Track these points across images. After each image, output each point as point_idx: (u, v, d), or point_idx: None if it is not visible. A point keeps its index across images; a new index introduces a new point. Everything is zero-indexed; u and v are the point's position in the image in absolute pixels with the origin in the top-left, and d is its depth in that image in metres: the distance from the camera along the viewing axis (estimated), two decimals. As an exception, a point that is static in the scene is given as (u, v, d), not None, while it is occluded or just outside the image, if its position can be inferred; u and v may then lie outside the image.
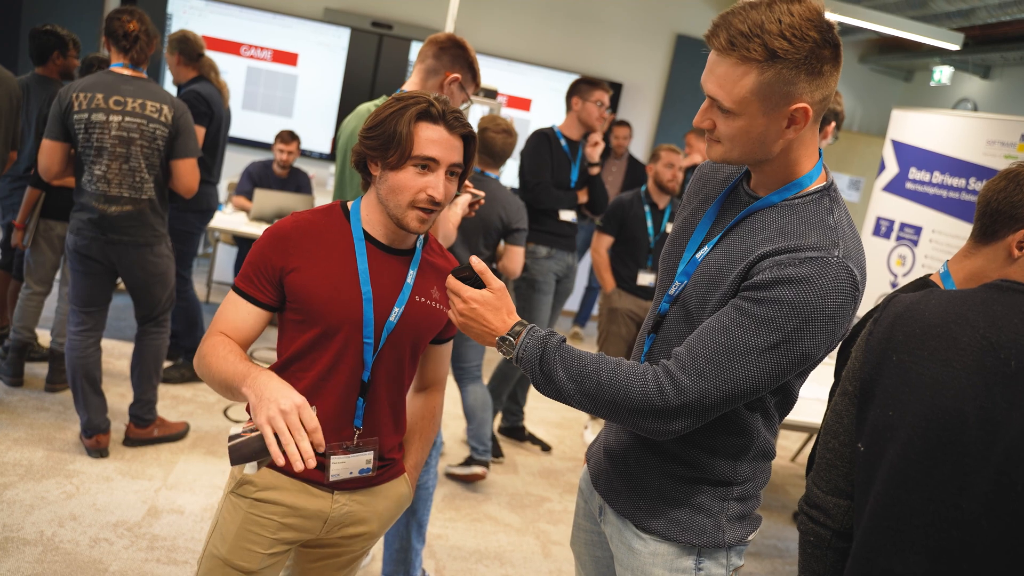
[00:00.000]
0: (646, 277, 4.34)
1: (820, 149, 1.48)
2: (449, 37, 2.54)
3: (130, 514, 3.10)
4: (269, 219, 5.37)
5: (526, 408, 4.65)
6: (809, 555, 1.26)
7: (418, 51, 2.56)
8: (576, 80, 4.27)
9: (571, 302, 7.34)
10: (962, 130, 4.98)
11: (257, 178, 5.74)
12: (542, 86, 7.12)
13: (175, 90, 4.48)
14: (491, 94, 4.81)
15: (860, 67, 7.76)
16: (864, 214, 5.91)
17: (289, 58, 6.73)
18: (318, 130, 6.87)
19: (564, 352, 1.45)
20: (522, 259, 3.73)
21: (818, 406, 3.17)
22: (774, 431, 1.57)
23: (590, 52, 7.10)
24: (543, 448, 4.47)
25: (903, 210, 5.27)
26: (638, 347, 1.64)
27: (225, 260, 6.62)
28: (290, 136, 5.72)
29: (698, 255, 1.51)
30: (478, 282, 1.51)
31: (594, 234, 4.47)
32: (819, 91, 1.34)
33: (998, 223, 1.66)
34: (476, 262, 1.51)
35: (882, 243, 5.34)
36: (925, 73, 7.53)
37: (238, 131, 6.64)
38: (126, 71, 3.30)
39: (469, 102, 2.63)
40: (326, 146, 6.92)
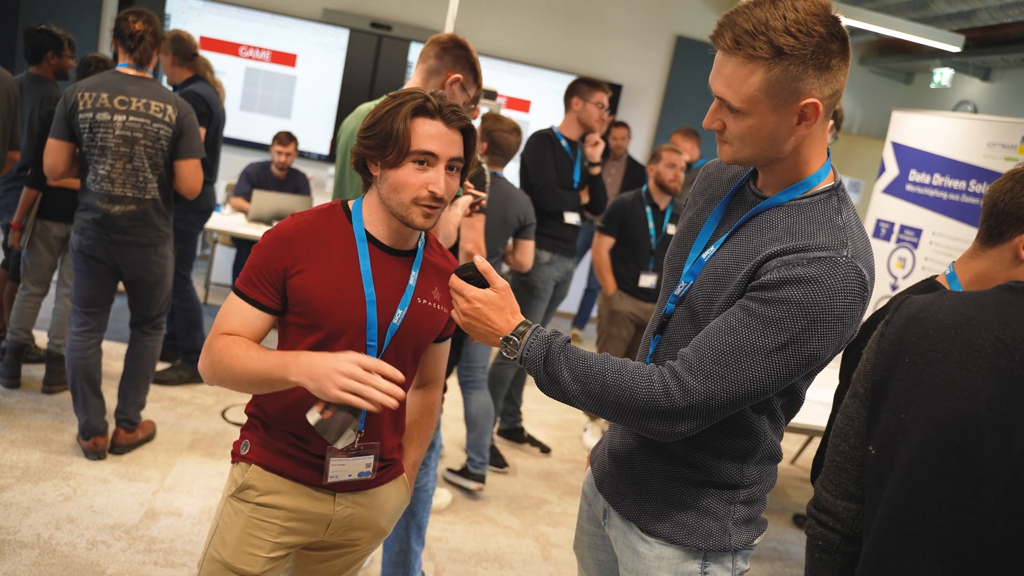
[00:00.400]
0: (648, 278, 4.32)
1: (828, 149, 1.47)
2: (451, 37, 2.52)
3: (127, 516, 3.08)
4: (267, 220, 5.35)
5: (524, 410, 4.63)
6: (817, 560, 1.24)
7: (419, 52, 2.55)
8: (576, 80, 4.24)
9: (570, 304, 7.33)
10: (962, 132, 4.97)
11: (255, 179, 5.72)
12: (541, 88, 7.11)
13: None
14: (491, 95, 4.80)
15: (860, 69, 7.75)
16: (864, 216, 5.90)
17: (288, 59, 6.71)
18: (317, 131, 6.85)
19: (569, 352, 1.43)
20: (532, 252, 3.76)
21: (820, 408, 3.15)
22: (780, 433, 1.56)
23: (590, 53, 7.09)
24: (542, 450, 4.45)
25: (903, 212, 5.26)
26: (643, 348, 1.62)
27: (223, 261, 6.60)
28: (287, 138, 5.70)
29: (704, 255, 1.49)
30: (482, 281, 1.50)
31: (595, 235, 4.45)
32: (828, 86, 1.33)
33: (1005, 224, 1.64)
34: (480, 261, 1.49)
35: (882, 245, 5.33)
36: (925, 75, 7.52)
37: (236, 132, 6.62)
38: (131, 71, 3.30)
39: (474, 105, 2.62)
40: (325, 147, 6.90)
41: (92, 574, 2.72)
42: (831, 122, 2.97)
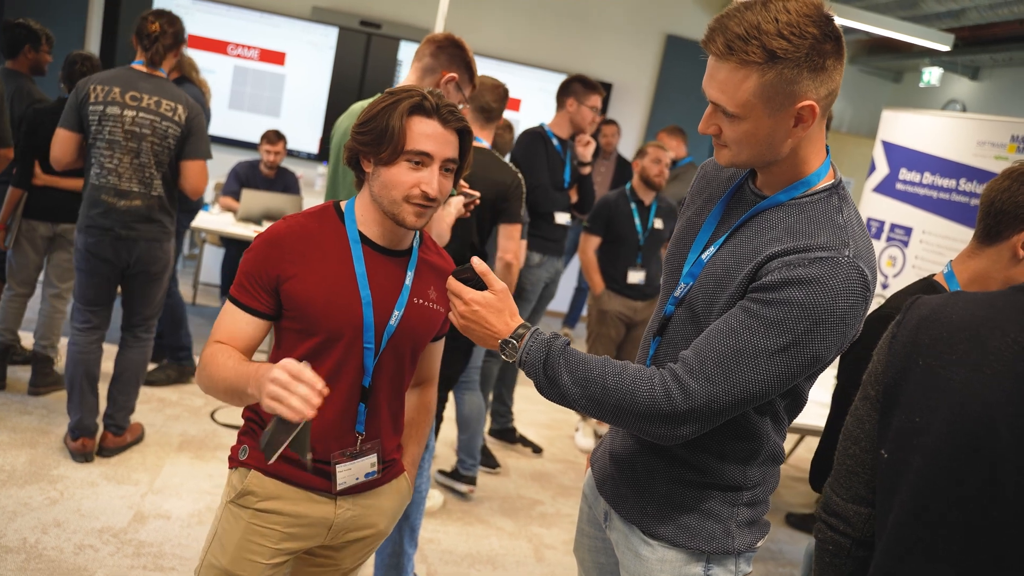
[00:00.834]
0: (636, 275, 4.31)
1: (827, 146, 1.45)
2: (447, 36, 2.51)
3: (116, 520, 3.04)
4: (256, 220, 5.31)
5: (515, 410, 4.61)
6: (827, 564, 1.22)
7: (409, 50, 2.54)
8: (571, 79, 4.20)
9: (561, 303, 7.31)
10: (952, 131, 4.98)
11: (244, 178, 5.67)
12: (532, 87, 7.09)
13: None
14: None
15: (849, 68, 7.77)
16: (854, 215, 5.90)
17: (276, 57, 6.66)
18: (306, 130, 6.80)
19: (569, 355, 1.41)
20: (523, 252, 3.74)
21: (814, 408, 3.14)
22: (783, 435, 1.55)
23: (580, 52, 7.08)
24: (534, 450, 4.43)
25: (893, 211, 5.27)
26: (643, 350, 1.60)
27: (211, 261, 6.54)
28: (276, 136, 5.65)
29: (704, 256, 1.48)
30: (480, 284, 1.47)
31: (581, 235, 4.44)
32: (824, 86, 1.31)
33: (1002, 223, 1.64)
34: (478, 263, 1.47)
35: (872, 244, 5.34)
36: (914, 74, 7.55)
37: (225, 131, 6.57)
38: (144, 69, 3.33)
39: (467, 103, 2.60)
40: (314, 146, 6.85)
41: (80, 579, 2.69)
42: None
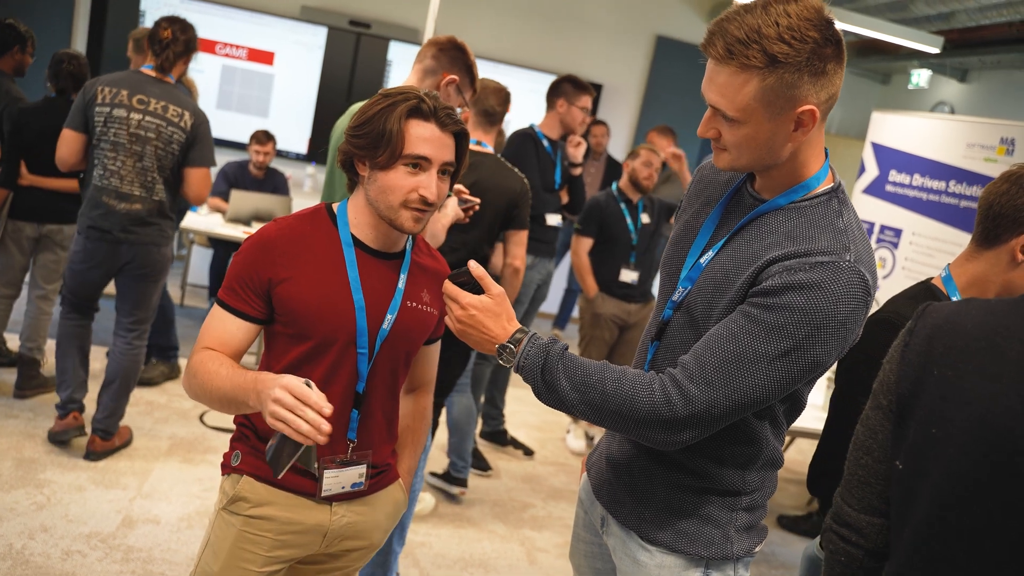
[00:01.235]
0: (629, 274, 4.31)
1: (826, 149, 1.44)
2: (450, 39, 2.51)
3: (104, 525, 3.00)
4: (245, 220, 5.27)
5: (506, 412, 4.59)
6: (838, 575, 1.21)
7: (398, 51, 2.55)
8: (561, 79, 4.18)
9: (551, 304, 7.30)
10: (942, 133, 5.00)
11: (233, 179, 5.63)
12: (522, 87, 7.05)
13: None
14: None
15: (838, 70, 7.79)
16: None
17: (265, 57, 6.62)
18: (294, 130, 6.76)
19: (567, 361, 1.39)
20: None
21: (809, 410, 3.14)
22: (782, 439, 1.54)
23: (570, 53, 7.07)
24: (525, 453, 4.42)
25: (883, 212, 5.29)
26: (640, 355, 1.59)
27: (200, 262, 6.48)
28: (265, 137, 5.61)
29: (702, 260, 1.46)
30: (477, 288, 1.45)
31: (573, 238, 4.42)
32: (824, 91, 1.30)
33: (1001, 227, 1.63)
34: (474, 267, 1.45)
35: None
36: (903, 76, 7.58)
37: (213, 131, 6.48)
38: (153, 73, 3.33)
39: (467, 106, 2.59)
40: (303, 146, 6.81)
41: (68, 585, 2.65)
42: None
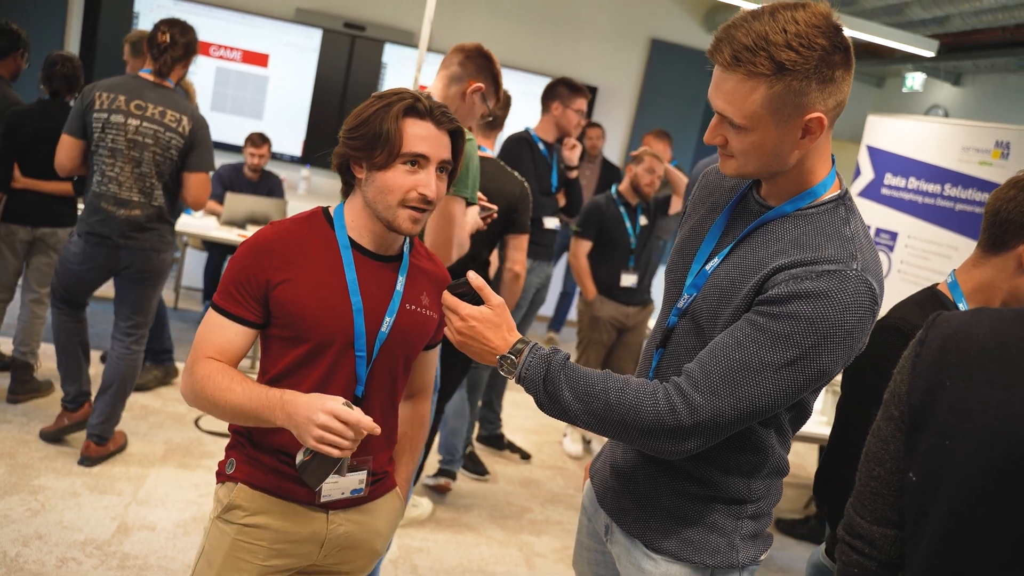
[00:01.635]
0: (629, 278, 4.30)
1: (833, 156, 1.44)
2: (476, 47, 2.51)
3: (99, 531, 2.97)
4: (240, 223, 5.25)
5: (502, 415, 4.57)
6: None
7: (393, 53, 2.56)
8: (556, 82, 4.17)
9: (546, 307, 7.29)
10: (937, 136, 5.01)
11: (227, 181, 5.60)
12: (517, 90, 7.02)
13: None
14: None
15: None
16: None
17: (259, 59, 6.59)
18: (289, 133, 6.74)
19: (569, 371, 1.38)
20: None
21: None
22: (788, 447, 1.53)
23: (565, 56, 7.06)
24: (522, 456, 4.41)
25: (879, 215, 5.29)
26: (645, 362, 1.58)
27: (194, 265, 6.45)
28: (261, 139, 5.59)
29: (708, 267, 1.45)
30: (476, 298, 1.44)
31: (572, 241, 4.41)
32: (832, 98, 1.29)
33: (1008, 233, 1.62)
34: (474, 277, 1.44)
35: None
36: (897, 79, 7.59)
37: (207, 133, 6.48)
38: (151, 78, 3.31)
39: (491, 115, 2.60)
40: (297, 149, 6.79)
41: (63, 593, 2.63)
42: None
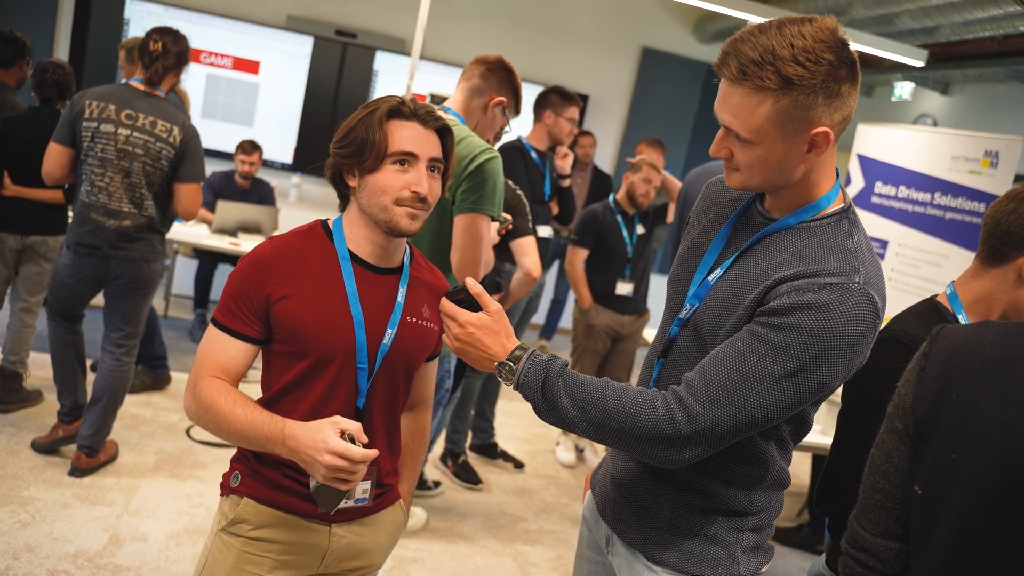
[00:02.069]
0: (624, 286, 4.31)
1: (837, 169, 1.44)
2: (498, 59, 2.53)
3: (90, 543, 2.94)
4: (232, 231, 5.23)
5: (495, 424, 4.56)
6: None
7: (385, 61, 2.59)
8: (547, 91, 4.17)
9: (537, 314, 7.28)
10: (927, 145, 5.04)
11: (218, 189, 5.58)
12: (508, 97, 7.07)
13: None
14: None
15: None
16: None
17: (250, 66, 6.58)
18: (280, 140, 6.72)
19: (568, 378, 1.38)
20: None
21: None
22: (788, 459, 1.53)
23: (557, 64, 7.08)
24: (516, 466, 4.39)
25: (869, 224, 5.31)
26: (646, 372, 1.58)
27: (184, 273, 6.41)
28: (251, 147, 5.57)
29: (710, 278, 1.46)
30: (474, 305, 1.44)
31: (568, 248, 4.42)
32: (839, 112, 1.30)
33: (1008, 245, 1.64)
34: (472, 284, 1.44)
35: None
36: (886, 88, 7.65)
37: (197, 140, 6.46)
38: (142, 87, 3.28)
39: (510, 128, 2.63)
40: (288, 156, 6.77)
41: (54, 606, 2.59)
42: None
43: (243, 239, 5.20)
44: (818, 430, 3.27)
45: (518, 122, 7.03)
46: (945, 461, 1.03)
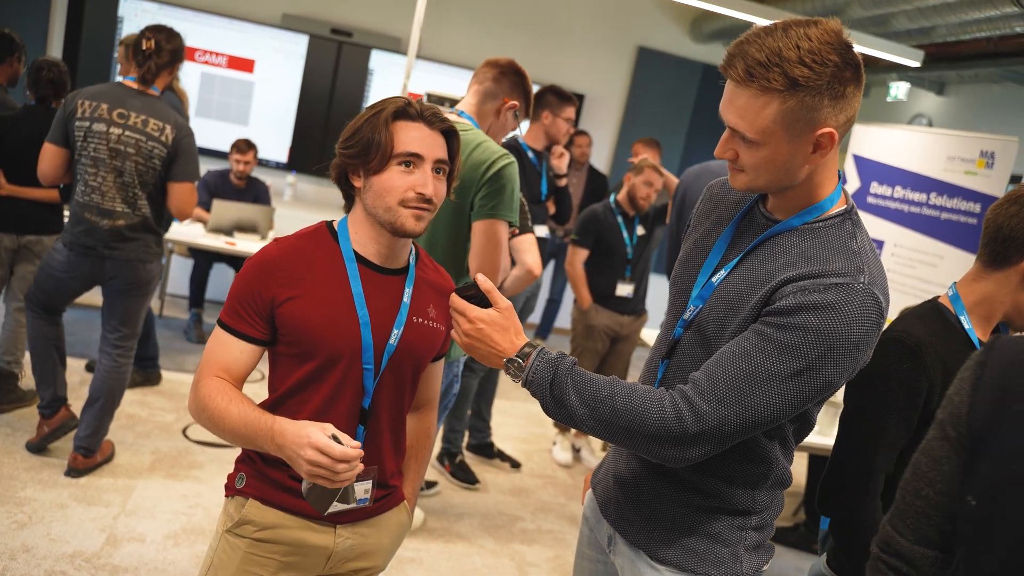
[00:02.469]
0: (624, 287, 4.31)
1: (840, 172, 1.44)
2: (510, 63, 2.53)
3: (87, 544, 2.93)
4: (227, 230, 5.21)
5: (491, 423, 4.56)
6: None
7: (382, 60, 2.60)
8: (544, 90, 4.16)
9: (534, 315, 7.28)
10: (923, 146, 5.06)
11: (213, 188, 5.56)
12: (504, 97, 7.06)
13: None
14: (456, 104, 4.72)
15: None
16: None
17: (245, 64, 6.55)
18: (275, 139, 6.70)
19: (576, 376, 1.39)
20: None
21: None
22: (791, 458, 1.53)
23: (553, 63, 7.07)
24: (512, 465, 4.39)
25: (865, 224, 5.32)
26: (649, 373, 1.58)
27: (179, 273, 6.39)
28: (246, 146, 5.55)
29: (714, 279, 1.47)
30: (484, 301, 1.45)
31: (569, 249, 4.42)
32: (843, 113, 1.31)
33: (1011, 248, 1.63)
34: (482, 280, 1.44)
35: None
36: (881, 89, 7.67)
37: (192, 139, 6.43)
38: (135, 85, 3.26)
39: (519, 131, 2.63)
40: (283, 155, 6.75)
41: (51, 607, 2.58)
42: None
43: (239, 238, 5.18)
44: (816, 430, 3.28)
45: (514, 121, 6.99)
46: (1005, 473, 1.00)
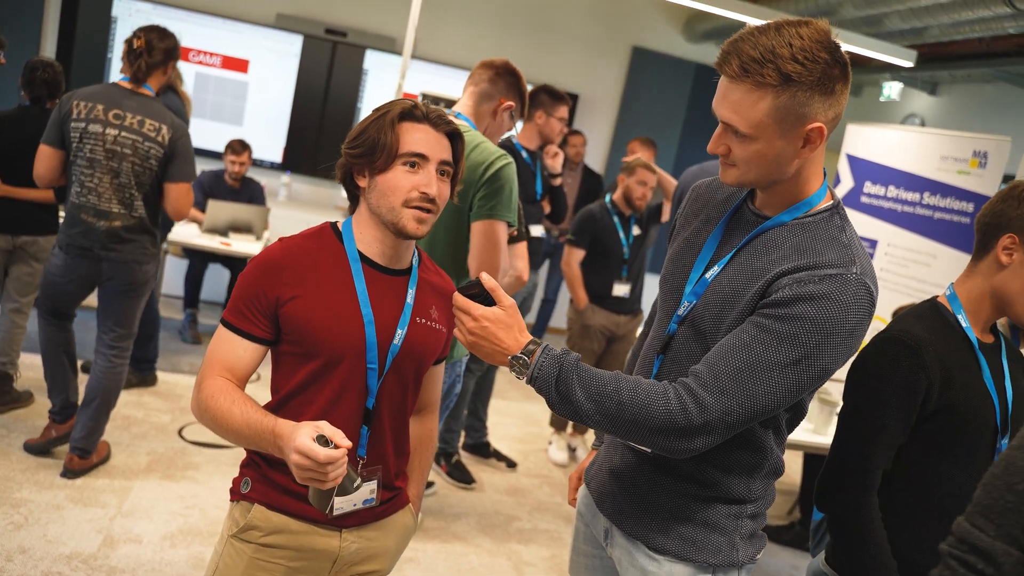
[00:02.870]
0: (621, 288, 4.32)
1: (825, 169, 1.48)
2: (505, 63, 2.55)
3: (84, 545, 2.93)
4: (223, 231, 5.21)
5: (487, 423, 4.56)
6: None
7: (376, 60, 2.61)
8: (538, 89, 4.15)
9: (529, 314, 7.29)
10: (916, 145, 5.07)
11: (208, 188, 5.56)
12: (498, 97, 7.06)
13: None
14: (451, 104, 4.73)
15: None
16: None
17: (239, 64, 6.55)
18: (269, 139, 6.70)
19: (581, 371, 1.41)
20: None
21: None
22: (783, 448, 1.58)
23: (547, 63, 7.08)
24: (508, 465, 4.40)
25: (858, 224, 5.34)
26: (644, 369, 1.61)
27: (174, 274, 6.37)
28: (241, 146, 5.55)
29: (708, 275, 1.50)
30: (488, 299, 1.46)
31: (565, 249, 4.43)
32: (832, 110, 1.37)
33: (988, 235, 1.70)
34: (486, 279, 1.46)
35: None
36: (874, 88, 7.69)
37: (186, 139, 6.42)
38: (129, 85, 3.25)
39: (515, 131, 2.65)
40: (278, 156, 6.75)
41: (48, 608, 2.58)
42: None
43: (234, 239, 5.18)
44: (810, 429, 3.29)
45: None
46: None
